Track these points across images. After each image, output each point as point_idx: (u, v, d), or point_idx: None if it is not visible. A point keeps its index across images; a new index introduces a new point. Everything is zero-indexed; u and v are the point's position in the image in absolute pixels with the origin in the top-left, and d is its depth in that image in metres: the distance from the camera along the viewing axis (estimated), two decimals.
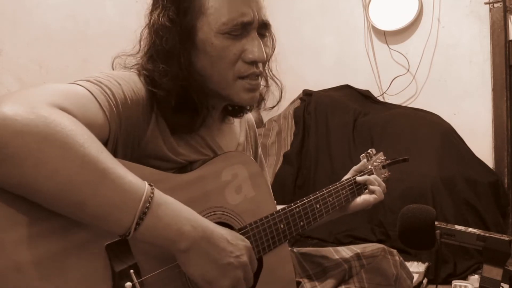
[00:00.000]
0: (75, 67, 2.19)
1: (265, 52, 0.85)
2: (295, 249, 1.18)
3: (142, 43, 0.86)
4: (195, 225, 0.68)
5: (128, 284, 0.66)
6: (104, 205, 0.60)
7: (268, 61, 0.95)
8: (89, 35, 2.29)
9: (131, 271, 0.67)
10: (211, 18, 0.79)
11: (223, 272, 0.71)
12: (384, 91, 2.88)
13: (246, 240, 0.77)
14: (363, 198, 1.15)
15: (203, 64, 0.83)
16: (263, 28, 0.85)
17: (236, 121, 1.07)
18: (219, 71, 0.82)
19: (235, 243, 0.73)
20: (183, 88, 0.81)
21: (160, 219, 0.65)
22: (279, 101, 0.99)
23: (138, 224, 0.62)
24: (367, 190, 1.16)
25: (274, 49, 0.96)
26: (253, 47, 0.81)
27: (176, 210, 0.68)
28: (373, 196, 1.14)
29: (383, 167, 1.26)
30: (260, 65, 0.86)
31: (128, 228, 0.62)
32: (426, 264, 1.94)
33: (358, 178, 1.15)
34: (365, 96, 2.90)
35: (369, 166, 1.22)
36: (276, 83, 0.99)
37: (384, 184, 1.18)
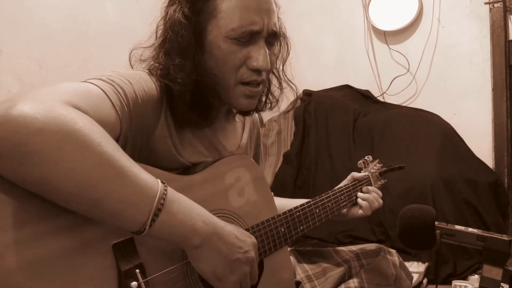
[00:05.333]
0: (75, 67, 2.19)
1: (270, 61, 0.87)
2: (295, 249, 1.18)
3: (157, 34, 0.87)
4: (207, 221, 0.70)
5: (134, 283, 0.66)
6: (120, 202, 0.61)
7: (283, 64, 0.98)
8: (89, 35, 2.29)
9: (137, 270, 0.68)
10: (221, 22, 0.81)
11: (232, 268, 0.72)
12: (384, 91, 2.88)
13: (252, 236, 0.79)
14: (351, 212, 1.16)
15: (210, 65, 0.84)
16: (272, 37, 0.87)
17: (241, 118, 1.08)
18: (223, 74, 0.84)
19: (243, 239, 0.75)
20: (197, 84, 0.83)
21: (174, 215, 0.66)
22: (295, 103, 1.03)
23: (153, 220, 0.63)
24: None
25: (289, 54, 0.99)
26: (258, 55, 0.83)
27: (188, 207, 0.69)
28: (360, 212, 1.15)
29: (380, 174, 1.27)
30: (264, 74, 0.87)
31: (143, 224, 0.63)
32: (426, 264, 1.94)
33: (360, 195, 1.17)
34: (365, 96, 2.90)
35: (367, 173, 1.23)
36: (291, 87, 1.02)
37: (381, 201, 1.19)
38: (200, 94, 0.84)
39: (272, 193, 1.12)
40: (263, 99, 1.01)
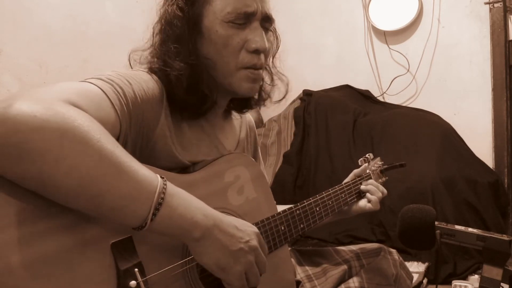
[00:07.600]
0: (75, 67, 2.19)
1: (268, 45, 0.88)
2: (295, 249, 1.18)
3: (154, 37, 0.89)
4: (206, 213, 0.70)
5: (133, 282, 0.66)
6: (121, 198, 0.61)
7: (273, 57, 0.99)
8: (89, 35, 2.29)
9: (136, 269, 0.68)
10: (216, 8, 0.84)
11: (235, 258, 0.72)
12: (384, 91, 2.88)
13: (253, 226, 0.79)
14: (359, 206, 1.16)
15: (208, 51, 0.86)
16: (266, 22, 0.89)
17: (237, 120, 1.08)
18: (223, 59, 0.86)
19: (244, 229, 0.75)
20: (193, 69, 0.84)
21: (174, 209, 0.66)
22: (286, 94, 1.03)
23: (154, 214, 0.63)
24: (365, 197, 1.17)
25: (279, 47, 0.99)
26: (255, 36, 0.85)
27: (187, 201, 0.69)
28: (369, 205, 1.15)
29: (381, 171, 1.27)
30: (262, 57, 0.88)
31: (144, 219, 0.63)
32: (426, 264, 1.94)
33: (362, 187, 1.17)
34: (365, 96, 2.90)
35: (367, 171, 1.22)
36: (281, 79, 1.02)
37: (385, 191, 1.19)
38: (197, 79, 0.85)
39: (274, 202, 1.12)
40: (256, 96, 1.01)
